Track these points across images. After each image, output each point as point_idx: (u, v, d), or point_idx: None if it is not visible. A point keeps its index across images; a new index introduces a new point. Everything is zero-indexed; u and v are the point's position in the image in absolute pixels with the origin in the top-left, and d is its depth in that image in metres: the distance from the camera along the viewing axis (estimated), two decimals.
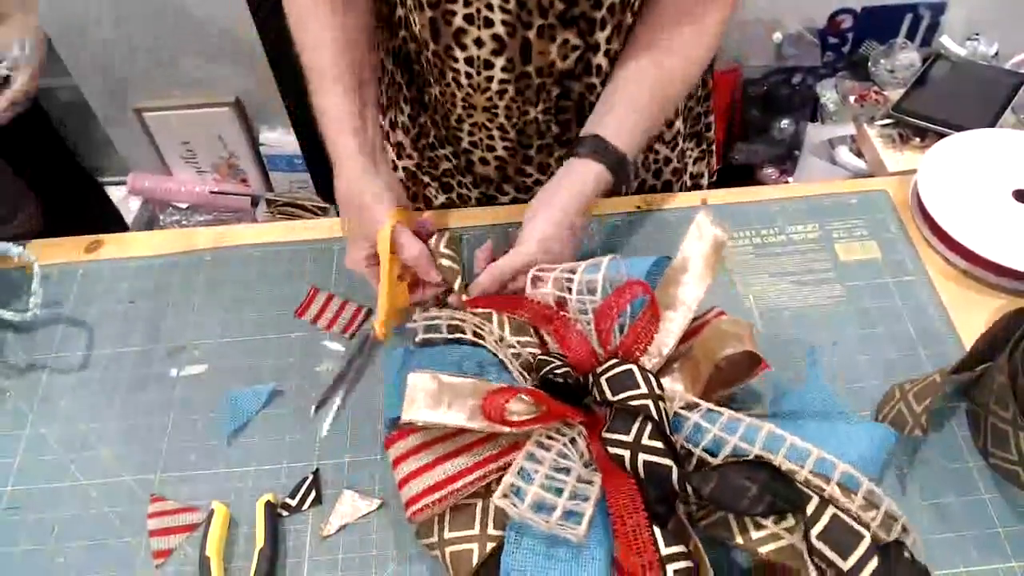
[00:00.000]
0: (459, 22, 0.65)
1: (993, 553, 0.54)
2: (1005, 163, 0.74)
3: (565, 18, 0.65)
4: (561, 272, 0.59)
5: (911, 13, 1.59)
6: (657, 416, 0.48)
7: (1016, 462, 0.55)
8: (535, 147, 0.77)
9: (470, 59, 0.68)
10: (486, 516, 0.51)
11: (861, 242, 0.73)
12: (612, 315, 0.55)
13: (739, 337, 0.54)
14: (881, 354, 0.65)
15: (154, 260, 0.75)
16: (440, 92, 0.74)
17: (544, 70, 0.69)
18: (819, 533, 0.43)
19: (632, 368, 0.51)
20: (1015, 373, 0.54)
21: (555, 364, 0.53)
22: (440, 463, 0.52)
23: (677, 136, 0.83)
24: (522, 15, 0.64)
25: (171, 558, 0.56)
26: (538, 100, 0.71)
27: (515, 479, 0.48)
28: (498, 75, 0.69)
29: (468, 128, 0.76)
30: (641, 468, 0.47)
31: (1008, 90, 1.44)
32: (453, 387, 0.51)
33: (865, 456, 0.51)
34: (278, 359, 0.67)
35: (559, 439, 0.52)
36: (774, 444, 0.48)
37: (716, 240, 0.58)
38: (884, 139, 1.46)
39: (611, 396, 0.50)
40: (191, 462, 0.61)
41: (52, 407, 0.65)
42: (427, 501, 0.50)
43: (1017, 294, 0.68)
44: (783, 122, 1.69)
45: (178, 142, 1.82)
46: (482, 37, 0.66)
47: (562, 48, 0.67)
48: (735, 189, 0.79)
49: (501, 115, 0.73)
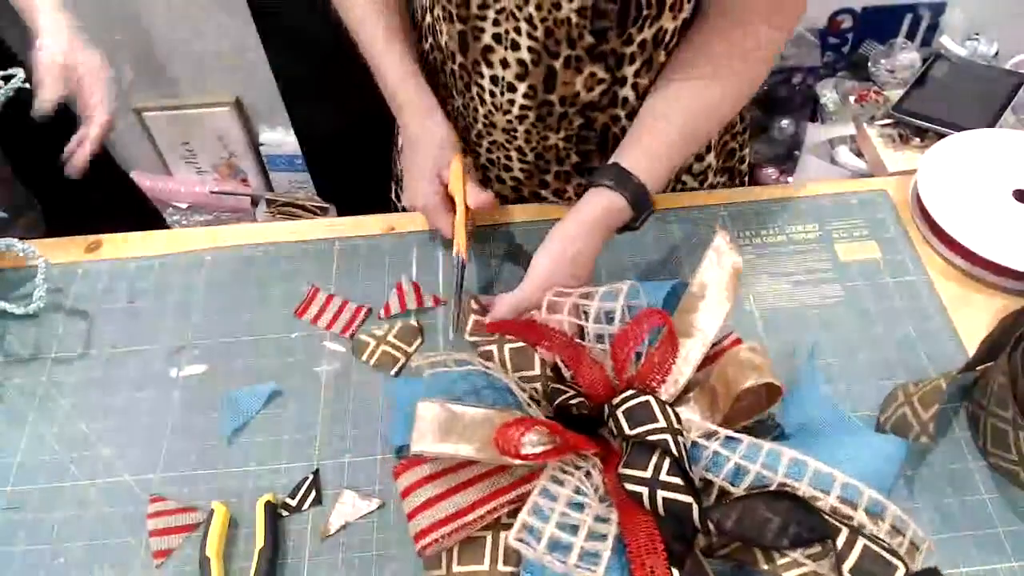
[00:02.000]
0: (487, 39, 0.65)
1: (993, 553, 0.54)
2: (1005, 163, 0.74)
3: (593, 52, 0.64)
4: (578, 298, 0.58)
5: (911, 13, 1.59)
6: (676, 451, 0.47)
7: (1016, 462, 0.55)
8: (552, 173, 0.76)
9: (495, 78, 0.68)
10: (496, 551, 0.50)
11: (861, 242, 0.73)
12: (630, 345, 0.53)
13: (758, 367, 0.52)
14: (881, 354, 0.65)
15: (154, 260, 0.75)
16: (463, 104, 0.74)
17: (567, 99, 0.68)
18: (852, 567, 0.43)
19: (649, 400, 0.50)
20: (1015, 373, 0.54)
21: (569, 394, 0.52)
22: (450, 495, 0.51)
23: (707, 170, 0.80)
24: (548, 44, 0.63)
25: (171, 558, 0.56)
26: (559, 128, 0.71)
27: (530, 518, 0.47)
28: (519, 100, 0.68)
29: (487, 145, 0.76)
30: (660, 505, 0.46)
31: (1008, 90, 1.44)
32: (464, 417, 0.50)
33: (880, 472, 0.51)
34: (278, 359, 0.67)
35: (574, 473, 0.50)
36: (797, 470, 0.47)
37: (734, 266, 0.57)
38: (884, 139, 1.46)
39: (628, 430, 0.49)
40: (191, 462, 0.61)
41: (52, 407, 0.65)
42: (437, 535, 0.49)
43: (1017, 294, 0.68)
44: (783, 122, 1.69)
45: (178, 142, 1.82)
46: (508, 59, 0.65)
47: (588, 80, 0.66)
48: (735, 189, 0.79)
49: (520, 138, 0.72)
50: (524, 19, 0.62)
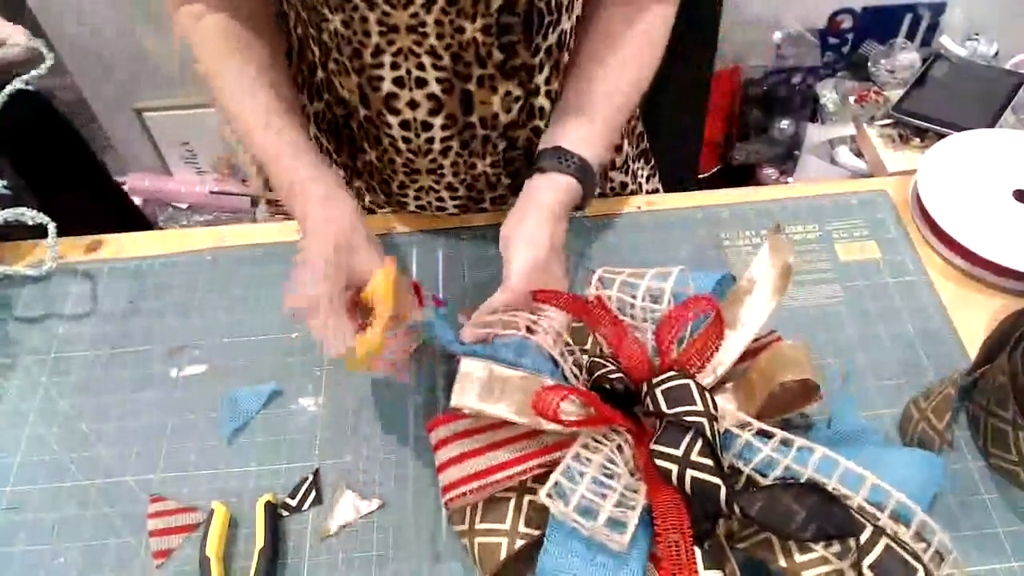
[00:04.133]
0: (388, 86, 0.62)
1: (993, 553, 0.54)
2: (1005, 163, 0.74)
3: (504, 69, 0.63)
4: (628, 276, 0.59)
5: (911, 13, 1.59)
6: (710, 434, 0.48)
7: (1016, 462, 0.55)
8: (487, 200, 0.75)
9: (405, 123, 0.64)
10: (519, 512, 0.51)
11: (861, 242, 0.73)
12: (676, 326, 0.54)
13: (799, 363, 0.52)
14: (881, 354, 0.65)
15: (154, 260, 0.75)
16: (377, 158, 0.70)
17: (487, 121, 0.66)
18: (871, 563, 0.43)
19: (689, 383, 0.50)
20: (1015, 373, 0.54)
21: (609, 368, 0.53)
22: (482, 452, 0.51)
23: (628, 160, 0.83)
24: (459, 68, 0.61)
25: (171, 558, 0.56)
26: (484, 153, 0.69)
27: (561, 478, 0.47)
28: (439, 134, 0.65)
29: (414, 193, 0.72)
30: (688, 484, 0.46)
31: (1008, 90, 1.44)
32: (504, 379, 0.51)
33: (916, 483, 0.50)
34: (278, 359, 0.67)
35: (606, 444, 0.51)
36: (827, 468, 0.47)
37: (787, 265, 0.57)
38: (884, 139, 1.46)
39: (666, 408, 0.49)
40: (191, 462, 0.61)
41: (52, 406, 0.65)
42: (465, 489, 0.50)
43: (1017, 294, 0.68)
44: (783, 122, 1.69)
45: (178, 142, 1.82)
46: (416, 99, 0.62)
47: (504, 100, 0.65)
48: (735, 189, 0.79)
49: (448, 174, 0.70)
50: (426, 52, 0.59)
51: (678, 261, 0.72)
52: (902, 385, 0.62)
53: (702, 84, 1.54)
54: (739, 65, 1.67)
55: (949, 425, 0.55)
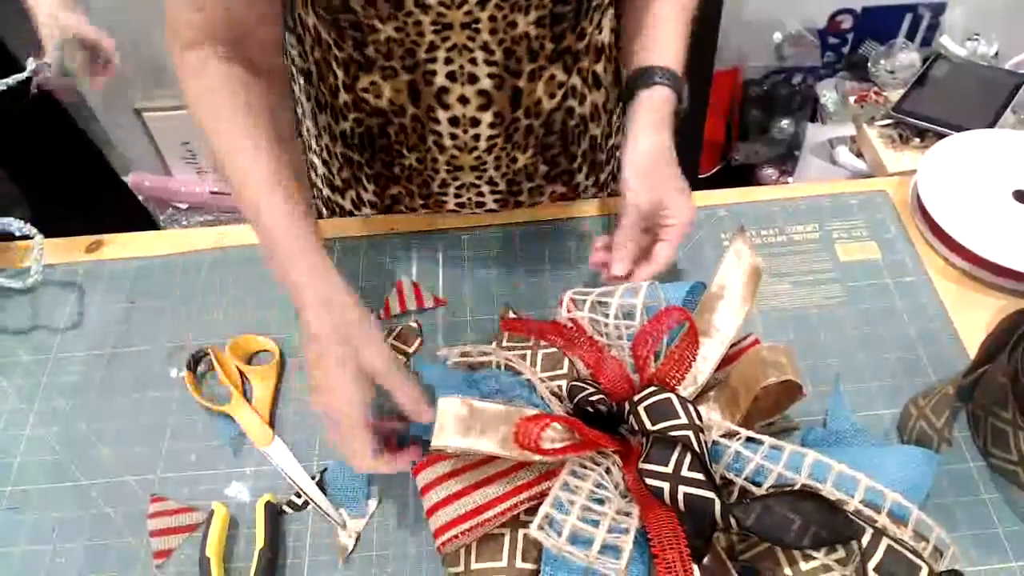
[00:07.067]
0: (441, 80, 0.62)
1: (993, 553, 0.54)
2: (1005, 163, 0.74)
3: (553, 57, 0.63)
4: (598, 296, 0.58)
5: (911, 13, 1.59)
6: (697, 447, 0.47)
7: (1016, 462, 0.55)
8: (526, 191, 0.75)
9: (454, 119, 0.65)
10: (515, 547, 0.50)
11: (861, 242, 0.73)
12: (651, 341, 0.54)
13: (779, 365, 0.52)
14: (881, 354, 0.65)
15: (154, 260, 0.75)
16: (418, 159, 0.70)
17: (531, 111, 0.67)
18: (876, 565, 0.43)
19: (671, 397, 0.50)
20: (1015, 373, 0.54)
21: (590, 391, 0.52)
22: (470, 492, 0.50)
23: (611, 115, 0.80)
24: (510, 64, 0.62)
25: (171, 558, 0.56)
26: (526, 145, 0.70)
27: (551, 510, 0.46)
28: (486, 131, 0.66)
29: (454, 191, 0.73)
30: (681, 501, 0.46)
31: (1008, 90, 1.44)
32: (484, 413, 0.49)
33: (907, 480, 0.50)
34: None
35: (594, 468, 0.50)
36: (820, 472, 0.47)
37: (754, 267, 0.57)
38: (884, 139, 1.46)
39: (650, 425, 0.49)
40: (191, 462, 0.61)
41: (52, 407, 0.65)
42: (456, 531, 0.49)
43: (1017, 294, 0.68)
44: (783, 122, 1.69)
45: (178, 142, 1.82)
46: (466, 94, 0.63)
47: (548, 85, 0.66)
48: (735, 189, 0.79)
49: (490, 168, 0.70)
50: (479, 47, 0.60)
51: (678, 261, 0.72)
52: (902, 385, 0.62)
53: (702, 84, 1.54)
54: (739, 65, 1.67)
55: (948, 424, 0.55)
